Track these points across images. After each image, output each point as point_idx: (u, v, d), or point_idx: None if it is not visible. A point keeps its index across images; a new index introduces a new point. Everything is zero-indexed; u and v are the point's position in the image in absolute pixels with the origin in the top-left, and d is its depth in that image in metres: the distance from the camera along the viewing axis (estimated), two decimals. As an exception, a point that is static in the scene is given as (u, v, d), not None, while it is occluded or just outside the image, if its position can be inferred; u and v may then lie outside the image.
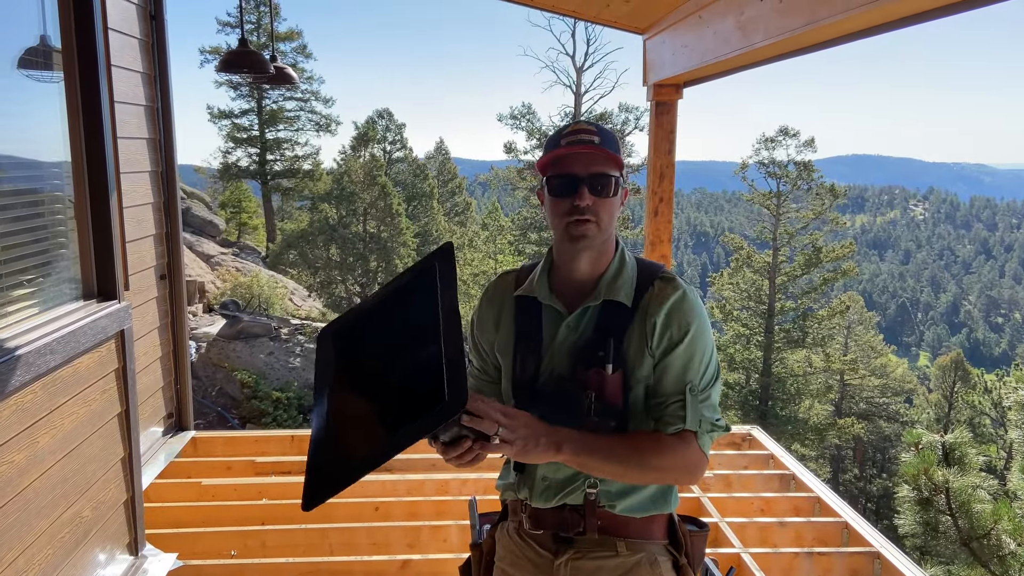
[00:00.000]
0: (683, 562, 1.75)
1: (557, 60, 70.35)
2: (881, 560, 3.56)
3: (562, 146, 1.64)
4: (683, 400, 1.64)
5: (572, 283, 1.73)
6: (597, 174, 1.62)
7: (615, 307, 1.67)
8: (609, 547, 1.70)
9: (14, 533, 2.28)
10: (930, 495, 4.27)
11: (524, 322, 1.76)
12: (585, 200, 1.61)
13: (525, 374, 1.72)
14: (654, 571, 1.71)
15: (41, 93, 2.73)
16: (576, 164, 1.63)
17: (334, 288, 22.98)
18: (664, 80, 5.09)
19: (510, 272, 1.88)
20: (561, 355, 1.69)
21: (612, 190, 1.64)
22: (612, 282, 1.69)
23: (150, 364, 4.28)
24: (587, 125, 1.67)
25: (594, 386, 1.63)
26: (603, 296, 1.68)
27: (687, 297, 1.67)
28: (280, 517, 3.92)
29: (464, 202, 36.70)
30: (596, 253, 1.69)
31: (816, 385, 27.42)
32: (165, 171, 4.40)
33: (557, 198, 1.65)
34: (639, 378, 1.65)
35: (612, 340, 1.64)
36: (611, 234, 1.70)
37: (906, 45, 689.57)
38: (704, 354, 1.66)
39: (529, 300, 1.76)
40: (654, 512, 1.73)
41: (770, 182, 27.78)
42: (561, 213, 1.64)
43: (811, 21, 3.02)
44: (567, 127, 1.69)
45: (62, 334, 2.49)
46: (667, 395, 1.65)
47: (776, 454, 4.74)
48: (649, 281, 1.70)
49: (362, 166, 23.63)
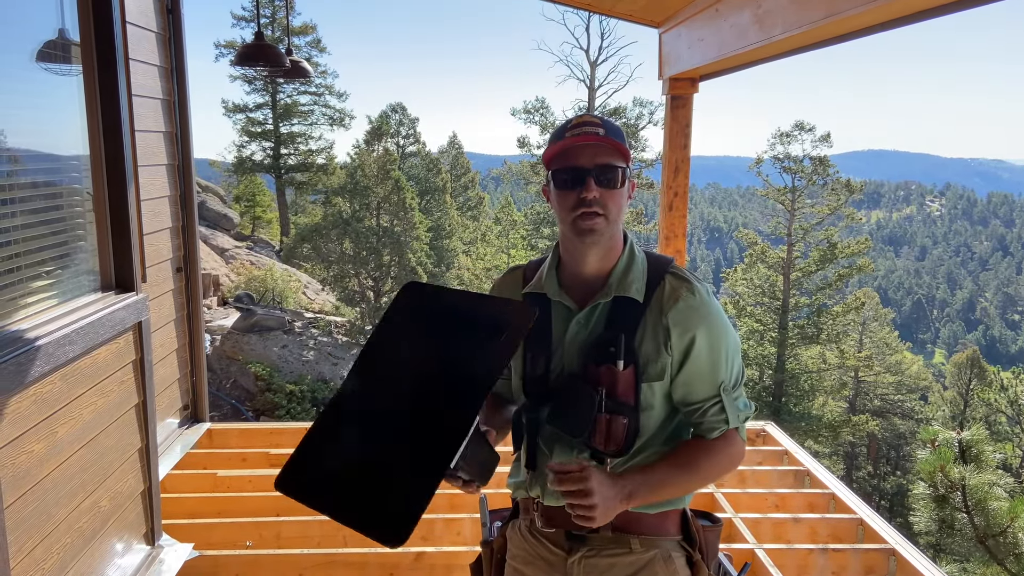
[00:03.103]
0: (696, 557, 1.74)
1: (571, 54, 70.55)
2: (896, 557, 3.54)
3: (566, 138, 1.62)
4: (720, 402, 1.65)
5: (581, 279, 1.71)
6: (603, 165, 1.60)
7: (626, 303, 1.66)
8: (623, 544, 1.70)
9: (33, 522, 2.31)
10: (946, 492, 4.24)
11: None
12: (592, 192, 1.59)
13: (536, 371, 1.71)
14: (668, 567, 1.70)
15: (59, 86, 2.74)
16: (582, 156, 1.61)
17: (347, 282, 23.04)
18: (680, 74, 5.07)
19: (518, 268, 1.87)
20: (572, 352, 1.68)
21: (619, 181, 1.62)
22: (623, 277, 1.67)
23: (166, 356, 4.31)
24: (591, 118, 1.65)
25: (605, 383, 1.62)
26: (614, 292, 1.66)
27: (702, 297, 1.65)
28: (295, 509, 3.89)
29: (477, 196, 36.71)
30: (605, 248, 1.67)
31: (830, 382, 27.27)
32: (182, 164, 4.42)
33: (563, 191, 1.63)
34: (651, 375, 1.64)
35: (623, 336, 1.62)
36: (619, 227, 1.69)
37: (924, 39, 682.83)
38: (729, 351, 1.66)
39: (538, 296, 1.74)
40: (667, 508, 1.73)
41: (785, 177, 27.59)
42: (568, 207, 1.62)
43: (831, 14, 3.00)
44: (571, 120, 1.66)
45: (81, 325, 2.51)
46: (703, 400, 1.66)
47: (790, 450, 4.72)
48: (660, 276, 1.68)
49: (375, 160, 23.65)
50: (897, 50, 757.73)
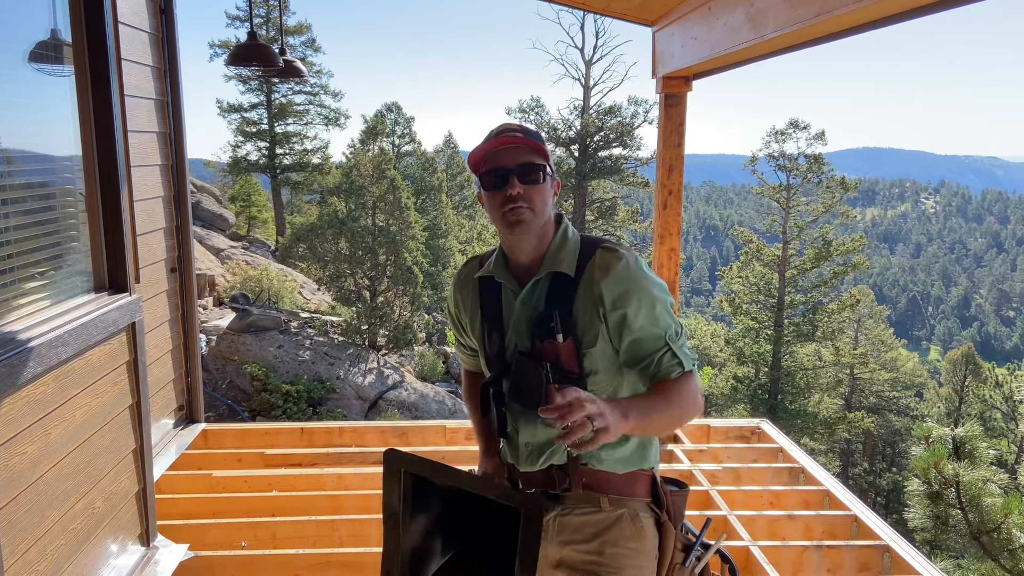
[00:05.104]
0: (664, 519, 1.85)
1: (566, 53, 70.37)
2: (891, 553, 3.54)
3: (489, 142, 1.76)
4: (669, 348, 1.76)
5: (522, 265, 1.85)
6: (525, 164, 1.74)
7: (562, 279, 1.79)
8: (593, 503, 1.82)
9: (27, 524, 2.30)
10: (940, 489, 4.25)
11: (487, 302, 1.91)
12: (516, 188, 1.73)
13: (493, 349, 1.87)
14: (635, 525, 1.82)
15: (52, 87, 2.74)
16: (504, 158, 1.75)
17: (343, 281, 22.98)
18: (673, 72, 5.07)
19: (474, 259, 2.04)
20: (520, 329, 1.82)
21: (541, 177, 1.75)
22: (555, 255, 1.81)
23: (161, 357, 4.30)
24: (511, 124, 1.80)
25: (550, 356, 1.75)
26: (547, 268, 1.80)
27: (628, 262, 1.75)
28: (290, 509, 3.94)
29: (473, 196, 36.68)
30: (536, 236, 1.80)
31: (826, 379, 27.31)
32: (175, 164, 4.41)
33: (491, 191, 1.76)
34: (588, 342, 1.75)
35: (558, 312, 1.75)
36: (548, 217, 1.81)
37: (917, 36, 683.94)
38: (662, 303, 1.76)
39: (489, 280, 1.90)
40: (634, 468, 1.84)
41: (780, 175, 27.63)
42: (497, 204, 1.76)
43: (822, 12, 3.00)
44: (493, 129, 1.81)
45: (74, 326, 2.50)
46: (652, 352, 1.76)
47: (785, 448, 4.73)
48: (591, 251, 1.80)
49: (371, 160, 23.60)
50: (892, 47, 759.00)
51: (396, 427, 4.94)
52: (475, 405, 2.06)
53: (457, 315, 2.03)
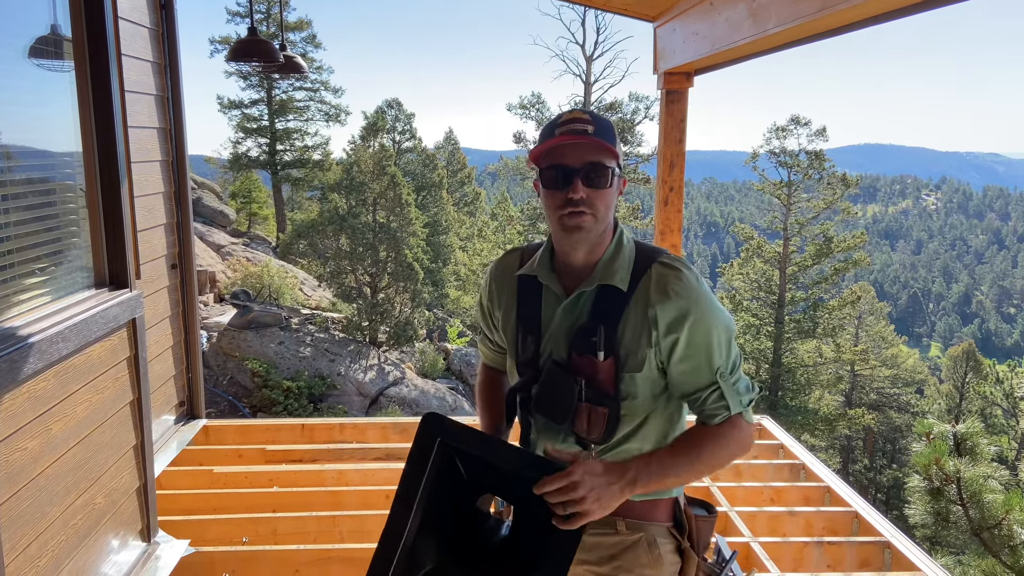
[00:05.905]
0: (686, 545, 1.74)
1: (567, 49, 70.45)
2: (891, 550, 3.55)
3: (556, 136, 1.59)
4: (719, 388, 1.63)
5: (571, 267, 1.71)
6: (592, 164, 1.57)
7: (612, 292, 1.65)
8: (609, 525, 1.71)
9: (28, 520, 2.30)
10: (941, 485, 4.25)
11: (525, 302, 1.77)
12: (579, 193, 1.57)
13: (526, 354, 1.74)
14: (652, 552, 1.71)
15: (52, 82, 2.73)
16: (570, 155, 1.58)
17: (344, 278, 23.00)
18: (674, 68, 5.06)
19: (515, 250, 1.87)
20: (558, 338, 1.69)
21: (607, 181, 1.59)
22: (608, 265, 1.67)
23: (162, 353, 4.30)
24: (581, 114, 1.61)
25: (586, 373, 1.63)
26: (599, 280, 1.66)
27: (689, 283, 1.61)
28: (291, 505, 3.95)
29: (473, 192, 36.71)
30: (592, 243, 1.66)
31: (826, 375, 27.33)
32: (176, 160, 4.41)
33: (551, 190, 1.61)
34: (632, 366, 1.62)
35: (603, 329, 1.62)
36: (608, 223, 1.67)
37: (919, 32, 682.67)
38: (722, 336, 1.63)
39: (531, 280, 1.75)
40: (656, 497, 1.73)
41: (781, 171, 27.60)
42: (555, 205, 1.61)
43: (824, 7, 2.99)
44: (561, 116, 1.63)
45: (74, 322, 2.50)
46: (701, 388, 1.64)
47: (786, 444, 4.73)
48: (647, 265, 1.66)
49: (372, 156, 23.60)
50: (893, 43, 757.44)
51: (397, 423, 4.94)
52: (486, 402, 1.96)
53: (489, 308, 1.88)
